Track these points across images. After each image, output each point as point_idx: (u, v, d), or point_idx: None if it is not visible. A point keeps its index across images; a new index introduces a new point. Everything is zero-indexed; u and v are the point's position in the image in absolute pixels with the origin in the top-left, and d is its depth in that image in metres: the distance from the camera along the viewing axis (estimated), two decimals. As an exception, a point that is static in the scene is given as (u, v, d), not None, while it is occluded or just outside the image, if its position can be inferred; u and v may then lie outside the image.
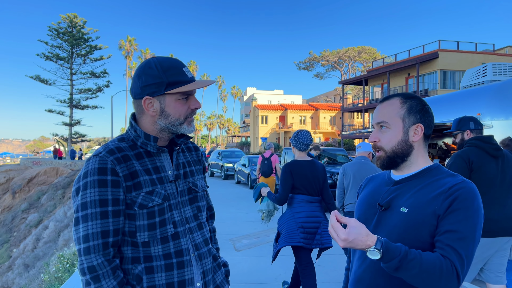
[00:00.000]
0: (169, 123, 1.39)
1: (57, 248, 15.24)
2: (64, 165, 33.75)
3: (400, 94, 1.44)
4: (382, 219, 1.36)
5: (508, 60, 29.17)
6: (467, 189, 1.25)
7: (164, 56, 1.41)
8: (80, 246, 1.28)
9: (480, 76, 6.25)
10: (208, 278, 1.46)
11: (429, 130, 1.42)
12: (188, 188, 1.48)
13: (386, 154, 1.40)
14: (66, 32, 39.24)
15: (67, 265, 4.25)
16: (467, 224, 1.21)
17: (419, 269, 1.16)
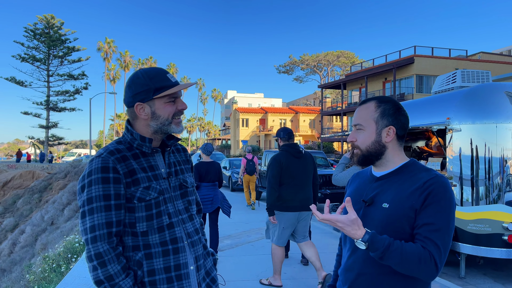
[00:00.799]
0: (160, 123, 1.56)
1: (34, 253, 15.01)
2: (40, 169, 33.08)
3: (376, 98, 1.58)
4: (367, 214, 1.50)
5: (480, 66, 30.23)
6: (440, 183, 1.39)
7: (149, 67, 1.60)
8: (87, 236, 1.43)
9: (450, 82, 6.59)
10: (199, 262, 1.63)
11: (402, 131, 1.55)
12: (179, 184, 1.65)
13: (361, 153, 1.55)
14: (43, 33, 38.56)
15: (53, 265, 4.31)
16: (442, 217, 1.36)
17: (400, 258, 1.32)
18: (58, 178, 28.44)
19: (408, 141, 8.77)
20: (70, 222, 16.08)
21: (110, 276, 1.40)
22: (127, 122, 1.62)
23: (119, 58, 69.40)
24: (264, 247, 6.62)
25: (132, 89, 1.54)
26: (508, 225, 5.02)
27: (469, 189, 5.34)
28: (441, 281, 5.05)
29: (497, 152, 5.22)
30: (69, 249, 4.64)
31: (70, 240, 4.81)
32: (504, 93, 5.37)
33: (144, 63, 73.34)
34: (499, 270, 5.86)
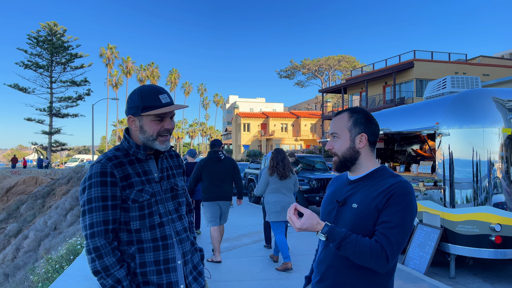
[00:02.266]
0: (146, 137, 1.76)
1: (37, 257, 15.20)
2: (43, 174, 33.36)
3: (348, 109, 1.77)
4: (340, 213, 1.69)
5: (480, 69, 30.36)
6: (402, 188, 1.56)
7: (149, 85, 1.80)
8: (86, 232, 1.64)
9: (440, 88, 6.78)
10: (187, 258, 1.83)
11: (374, 138, 1.73)
12: (171, 187, 1.85)
13: (338, 159, 1.73)
14: (46, 40, 38.96)
15: (56, 266, 4.50)
16: (399, 216, 1.53)
17: (354, 250, 1.50)
18: (61, 183, 28.68)
19: (403, 145, 8.95)
20: (73, 227, 16.28)
21: (106, 267, 1.61)
22: (126, 131, 1.83)
23: (121, 64, 69.90)
24: (260, 250, 6.80)
25: (128, 102, 1.78)
26: (495, 226, 5.19)
27: (457, 192, 5.51)
28: (431, 281, 5.21)
29: (485, 156, 5.40)
30: (71, 251, 4.83)
31: (73, 242, 5.00)
32: (491, 99, 5.56)
33: (146, 68, 73.82)
34: (489, 270, 6.01)
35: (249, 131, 52.53)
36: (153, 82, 73.89)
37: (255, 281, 5.11)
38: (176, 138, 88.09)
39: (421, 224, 6.06)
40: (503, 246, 5.20)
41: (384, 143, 8.22)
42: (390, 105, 28.34)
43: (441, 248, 5.65)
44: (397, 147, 8.85)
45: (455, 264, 5.79)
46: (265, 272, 5.47)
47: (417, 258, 5.87)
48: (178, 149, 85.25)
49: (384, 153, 8.23)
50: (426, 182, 5.96)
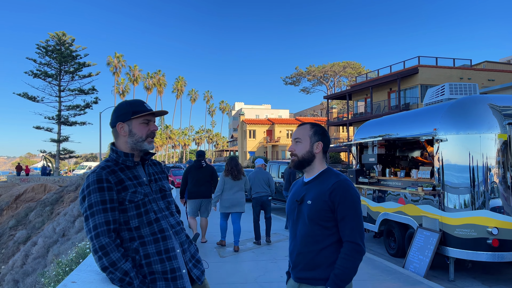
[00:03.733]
0: (135, 140, 2.00)
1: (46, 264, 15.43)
2: (52, 182, 33.74)
3: (310, 123, 2.23)
4: (300, 209, 2.10)
5: (485, 75, 30.34)
6: (342, 184, 1.99)
7: (132, 99, 2.12)
8: (91, 234, 1.84)
9: (439, 95, 6.92)
10: (185, 247, 2.06)
11: (326, 147, 2.16)
12: (159, 188, 2.09)
13: (298, 159, 2.14)
14: (55, 50, 39.55)
15: (66, 269, 4.69)
16: (350, 208, 1.96)
17: (348, 271, 1.92)
18: (69, 190, 29.01)
19: (405, 150, 9.07)
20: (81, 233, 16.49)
21: (113, 262, 1.79)
22: (112, 144, 2.07)
23: (128, 72, 70.70)
24: (264, 254, 6.95)
25: (116, 112, 2.03)
26: (492, 230, 5.30)
27: (455, 196, 5.64)
28: (430, 283, 5.32)
29: (481, 161, 5.52)
30: (80, 255, 5.02)
31: (82, 246, 5.19)
32: (487, 105, 5.69)
33: (153, 76, 74.56)
34: (488, 273, 6.10)
35: (254, 138, 52.74)
36: (159, 89, 74.57)
37: (257, 283, 5.26)
38: (182, 145, 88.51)
39: (421, 228, 6.18)
40: (501, 249, 5.31)
41: (385, 148, 8.35)
42: (395, 111, 28.40)
43: (440, 251, 5.76)
44: (399, 153, 8.97)
45: (455, 267, 5.90)
46: (268, 275, 5.62)
47: (417, 262, 5.99)
48: (184, 155, 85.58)
49: (386, 159, 8.36)
50: (425, 187, 6.09)
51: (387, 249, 7.43)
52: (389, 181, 7.49)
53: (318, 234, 2.00)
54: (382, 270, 5.88)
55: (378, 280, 5.41)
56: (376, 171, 7.94)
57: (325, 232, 1.99)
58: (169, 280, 1.90)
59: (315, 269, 2.00)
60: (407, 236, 6.85)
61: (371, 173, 8.21)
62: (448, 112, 5.88)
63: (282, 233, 9.03)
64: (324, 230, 2.00)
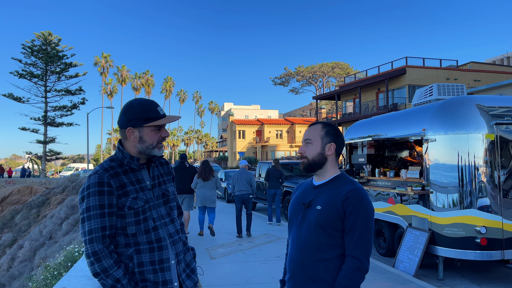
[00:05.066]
0: (145, 147, 1.91)
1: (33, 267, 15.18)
2: (38, 184, 33.26)
3: (322, 122, 2.03)
4: (306, 214, 1.93)
5: (471, 75, 30.78)
6: (357, 194, 1.83)
7: (145, 99, 1.96)
8: (85, 238, 1.79)
9: (427, 95, 6.99)
10: (180, 257, 2.00)
11: (339, 149, 1.98)
12: (162, 193, 2.01)
13: (308, 161, 1.96)
14: (41, 50, 38.97)
15: (54, 272, 4.61)
16: (361, 221, 1.80)
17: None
18: (56, 192, 28.62)
19: (394, 150, 9.15)
20: (68, 236, 16.28)
21: (105, 269, 1.76)
22: (119, 142, 1.97)
23: (116, 72, 69.99)
24: (255, 255, 6.93)
25: (127, 115, 1.90)
26: (480, 229, 5.37)
27: (444, 196, 5.70)
28: (420, 282, 5.37)
29: (469, 161, 5.59)
30: (69, 258, 4.94)
31: (70, 249, 5.11)
32: (474, 105, 5.76)
33: (141, 76, 73.98)
34: (476, 272, 6.18)
35: (244, 138, 52.70)
36: (148, 90, 74.01)
37: (249, 285, 5.25)
38: (171, 145, 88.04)
39: (410, 228, 6.23)
40: (489, 248, 5.38)
41: (374, 149, 8.41)
42: (383, 111, 28.64)
43: (429, 250, 5.82)
44: (388, 153, 9.04)
45: (444, 266, 5.96)
46: (259, 277, 5.60)
47: (406, 261, 6.04)
48: (173, 156, 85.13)
49: (375, 159, 8.42)
50: (414, 187, 6.14)
51: (377, 249, 7.48)
52: (378, 181, 7.54)
53: (323, 243, 1.84)
54: (373, 270, 5.91)
55: (368, 279, 5.43)
56: (365, 171, 7.99)
57: (332, 242, 1.84)
58: None
59: (316, 282, 1.83)
60: (396, 235, 6.91)
61: (360, 173, 8.26)
62: (437, 112, 5.94)
63: (272, 233, 9.03)
64: (330, 239, 1.83)
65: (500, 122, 5.62)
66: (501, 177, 5.54)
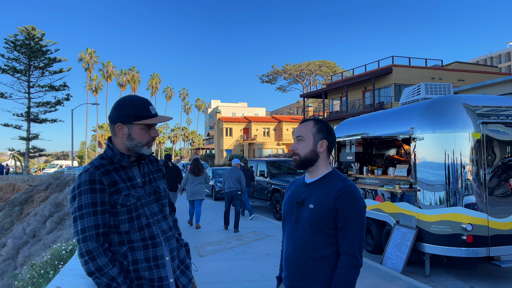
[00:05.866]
0: (134, 144, 1.89)
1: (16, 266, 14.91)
2: (21, 181, 32.67)
3: (313, 118, 2.03)
4: (299, 212, 1.93)
5: (455, 75, 31.27)
6: (349, 191, 1.83)
7: (137, 96, 1.94)
8: (78, 237, 1.76)
9: (415, 94, 7.08)
10: (174, 254, 1.99)
11: (331, 146, 1.98)
12: (153, 190, 1.99)
13: (300, 158, 1.95)
14: (24, 45, 38.22)
15: (41, 271, 4.53)
16: (353, 218, 1.81)
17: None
18: (40, 190, 28.16)
19: (381, 149, 9.24)
20: (52, 234, 16.03)
21: (99, 267, 1.73)
22: (108, 139, 1.95)
23: (102, 68, 69.09)
24: (243, 252, 6.93)
25: (118, 111, 1.88)
26: (466, 226, 5.46)
27: (431, 193, 5.78)
28: (407, 279, 5.43)
29: (456, 159, 5.68)
30: (56, 257, 4.85)
31: (57, 248, 5.02)
32: (461, 105, 5.85)
33: (127, 73, 73.18)
34: (462, 268, 6.29)
35: (231, 136, 52.62)
36: (134, 86, 73.27)
37: (238, 282, 5.25)
38: (157, 143, 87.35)
39: (398, 225, 6.31)
40: (475, 245, 5.48)
41: (362, 147, 8.48)
42: (370, 109, 28.91)
43: (416, 247, 5.89)
44: (375, 151, 9.12)
45: (430, 263, 6.05)
46: (248, 274, 5.61)
47: (394, 258, 6.11)
48: (159, 154, 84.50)
49: (363, 157, 8.49)
50: (402, 185, 6.22)
51: (364, 246, 7.55)
52: (366, 179, 7.60)
53: (318, 241, 1.84)
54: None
55: (357, 276, 5.48)
56: (353, 169, 8.05)
57: (326, 240, 1.84)
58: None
59: (313, 280, 1.85)
60: (384, 233, 6.98)
61: (348, 171, 8.32)
62: (425, 111, 6.01)
63: (262, 231, 9.04)
64: (325, 237, 1.84)
65: (486, 121, 5.72)
66: (487, 176, 5.64)
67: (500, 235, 5.53)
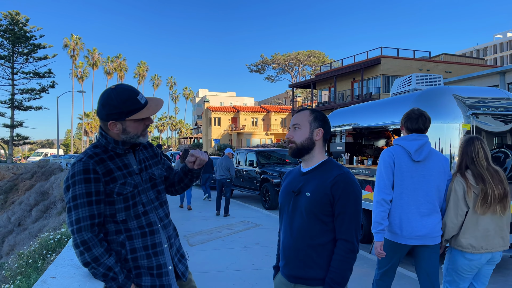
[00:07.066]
0: (130, 137, 1.84)
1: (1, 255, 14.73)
2: (5, 169, 32.15)
3: (309, 108, 2.04)
4: (296, 201, 1.95)
5: (442, 66, 31.59)
6: (345, 178, 1.85)
7: (124, 88, 1.82)
8: (73, 227, 1.71)
9: (406, 85, 7.10)
10: (171, 241, 1.97)
11: (327, 135, 2.00)
12: (150, 177, 1.95)
13: (296, 146, 1.96)
14: (7, 30, 37.35)
15: (29, 261, 4.46)
16: (349, 205, 1.83)
17: (344, 272, 1.81)
18: (25, 178, 27.76)
19: (371, 139, 9.29)
20: (38, 223, 15.85)
21: (95, 258, 1.69)
22: (100, 128, 1.87)
23: (87, 55, 67.96)
24: (234, 242, 6.94)
25: (106, 109, 1.79)
26: (454, 216, 5.52)
27: (421, 184, 5.82)
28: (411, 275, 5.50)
29: (446, 150, 5.73)
30: (44, 246, 4.78)
31: (45, 237, 4.95)
32: (452, 96, 5.89)
33: (114, 60, 72.13)
34: (449, 257, 6.40)
35: (219, 125, 52.45)
36: (120, 74, 72.32)
37: (229, 271, 5.25)
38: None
39: (387, 215, 6.36)
40: (462, 234, 5.55)
41: (352, 137, 8.51)
42: (358, 100, 29.05)
43: (405, 237, 5.95)
44: (365, 142, 9.17)
45: (418, 252, 6.12)
46: (239, 263, 5.61)
47: (383, 247, 6.17)
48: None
49: (353, 147, 8.52)
50: (392, 175, 6.25)
51: (353, 235, 7.61)
52: (356, 169, 7.64)
53: (316, 229, 1.87)
54: (351, 256, 6.01)
55: (347, 265, 5.53)
56: (344, 159, 8.08)
57: (324, 227, 1.86)
58: (154, 276, 1.83)
59: (312, 267, 1.87)
60: (373, 222, 7.04)
61: (338, 161, 8.35)
62: (416, 102, 6.03)
63: (251, 220, 9.06)
64: (322, 225, 1.86)
65: (476, 112, 5.77)
66: (476, 166, 5.70)
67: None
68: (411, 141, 3.09)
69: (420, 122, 3.16)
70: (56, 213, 15.50)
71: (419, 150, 3.06)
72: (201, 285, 4.54)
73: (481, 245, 2.94)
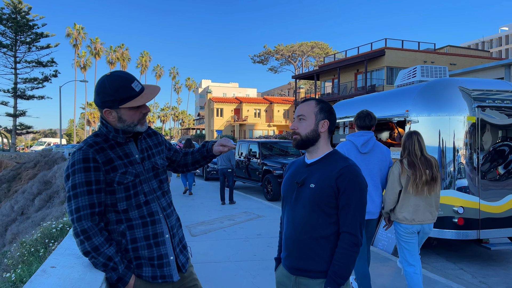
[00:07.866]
0: (126, 125, 1.80)
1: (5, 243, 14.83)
2: (8, 158, 32.27)
3: (315, 98, 1.99)
4: (300, 192, 1.91)
5: (447, 59, 31.31)
6: (351, 170, 1.82)
7: (117, 75, 1.77)
8: (73, 216, 1.69)
9: (411, 77, 7.03)
10: (174, 231, 1.93)
11: (332, 126, 1.96)
12: (152, 166, 1.92)
13: (301, 138, 1.92)
14: (10, 19, 37.19)
15: (31, 249, 4.47)
16: (354, 197, 1.80)
17: (346, 264, 1.77)
18: (28, 167, 27.87)
19: (374, 131, 9.23)
20: (41, 212, 15.94)
21: (96, 247, 1.67)
22: (101, 117, 1.84)
23: (90, 45, 67.76)
24: (235, 232, 6.94)
25: (100, 96, 1.76)
26: (458, 209, 5.50)
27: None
28: (395, 259, 5.49)
29: (450, 142, 5.68)
30: (46, 235, 4.79)
31: (47, 226, 4.96)
32: (457, 88, 5.82)
33: (116, 50, 71.92)
34: (451, 250, 6.38)
35: (222, 116, 52.37)
36: (123, 64, 72.12)
37: (231, 262, 5.25)
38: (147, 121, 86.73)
39: (390, 207, 6.34)
40: (465, 227, 5.53)
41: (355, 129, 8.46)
42: (362, 92, 28.90)
43: (408, 229, 5.93)
44: (368, 134, 9.12)
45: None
46: (240, 254, 5.61)
47: (385, 240, 6.16)
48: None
49: (356, 139, 8.48)
50: (395, 167, 6.22)
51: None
52: (359, 161, 7.60)
53: (319, 221, 1.83)
54: (352, 248, 6.00)
55: (349, 257, 5.52)
56: (346, 151, 8.04)
57: (327, 219, 1.83)
58: (155, 266, 1.80)
59: (314, 259, 1.84)
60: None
61: (341, 153, 8.31)
62: (420, 94, 5.97)
63: (253, 211, 9.06)
64: (326, 217, 1.83)
65: (481, 105, 5.71)
66: (480, 159, 5.66)
67: (491, 218, 5.59)
68: (359, 137, 3.81)
69: (367, 120, 3.90)
70: (59, 202, 15.56)
71: (365, 144, 3.78)
72: (203, 275, 4.55)
73: (413, 218, 3.71)
